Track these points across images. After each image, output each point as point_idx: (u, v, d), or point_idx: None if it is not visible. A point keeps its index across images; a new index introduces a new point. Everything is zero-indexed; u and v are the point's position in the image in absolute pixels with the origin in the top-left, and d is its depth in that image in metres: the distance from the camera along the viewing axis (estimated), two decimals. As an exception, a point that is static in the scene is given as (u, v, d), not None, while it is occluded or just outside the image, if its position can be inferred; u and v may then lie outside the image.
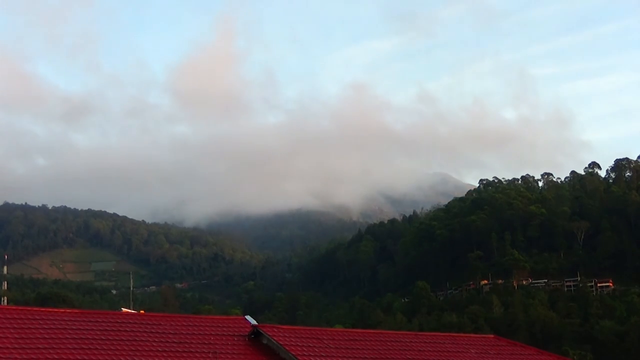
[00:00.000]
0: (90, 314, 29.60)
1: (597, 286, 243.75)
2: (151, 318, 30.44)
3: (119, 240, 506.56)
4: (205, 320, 31.49)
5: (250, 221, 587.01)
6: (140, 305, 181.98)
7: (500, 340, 37.06)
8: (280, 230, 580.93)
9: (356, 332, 35.21)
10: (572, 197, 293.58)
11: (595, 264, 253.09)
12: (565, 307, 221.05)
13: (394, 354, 31.34)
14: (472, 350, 33.80)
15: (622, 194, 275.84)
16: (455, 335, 41.73)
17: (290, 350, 28.52)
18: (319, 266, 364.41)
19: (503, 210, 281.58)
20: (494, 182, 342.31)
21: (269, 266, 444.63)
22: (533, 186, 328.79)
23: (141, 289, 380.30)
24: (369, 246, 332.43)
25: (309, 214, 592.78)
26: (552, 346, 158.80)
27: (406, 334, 40.15)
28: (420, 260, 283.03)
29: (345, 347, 30.46)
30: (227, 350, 28.31)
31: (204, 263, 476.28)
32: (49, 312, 28.39)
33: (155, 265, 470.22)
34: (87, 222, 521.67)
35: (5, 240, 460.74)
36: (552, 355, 38.80)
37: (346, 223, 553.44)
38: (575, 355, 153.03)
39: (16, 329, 25.84)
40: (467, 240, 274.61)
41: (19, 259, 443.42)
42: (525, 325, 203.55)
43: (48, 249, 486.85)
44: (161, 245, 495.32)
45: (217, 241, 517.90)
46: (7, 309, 29.09)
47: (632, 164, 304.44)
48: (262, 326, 30.38)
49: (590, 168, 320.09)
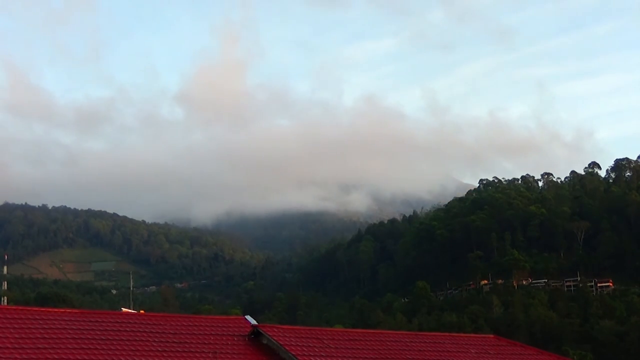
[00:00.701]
0: (90, 314, 29.61)
1: (597, 286, 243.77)
2: (151, 318, 30.44)
3: (119, 240, 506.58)
4: (205, 320, 31.49)
5: (250, 221, 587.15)
6: (140, 305, 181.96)
7: (500, 340, 37.07)
8: (280, 230, 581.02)
9: (356, 332, 35.20)
10: (572, 197, 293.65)
11: (595, 264, 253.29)
12: (565, 307, 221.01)
13: (394, 354, 31.35)
14: (472, 350, 33.81)
15: (622, 194, 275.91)
16: (455, 335, 41.74)
17: (290, 350, 28.53)
18: (319, 266, 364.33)
19: (503, 210, 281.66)
20: (494, 182, 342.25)
21: (269, 266, 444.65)
22: (533, 186, 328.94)
23: (141, 289, 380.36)
24: (369, 246, 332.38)
25: (309, 214, 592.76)
26: (552, 346, 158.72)
27: (406, 334, 40.17)
28: (420, 260, 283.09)
29: (345, 347, 30.47)
30: (227, 350, 28.32)
31: (204, 263, 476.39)
32: (49, 312, 28.38)
33: (155, 265, 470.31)
34: (87, 222, 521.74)
35: (5, 240, 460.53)
36: (552, 355, 38.81)
37: (346, 223, 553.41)
38: (575, 355, 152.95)
39: (16, 329, 25.84)
40: (467, 240, 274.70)
41: (19, 259, 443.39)
42: (525, 325, 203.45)
43: (48, 249, 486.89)
44: (161, 245, 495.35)
45: (217, 241, 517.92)
46: (7, 309, 29.10)
47: (632, 164, 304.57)
48: (262, 326, 30.38)
49: (590, 168, 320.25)
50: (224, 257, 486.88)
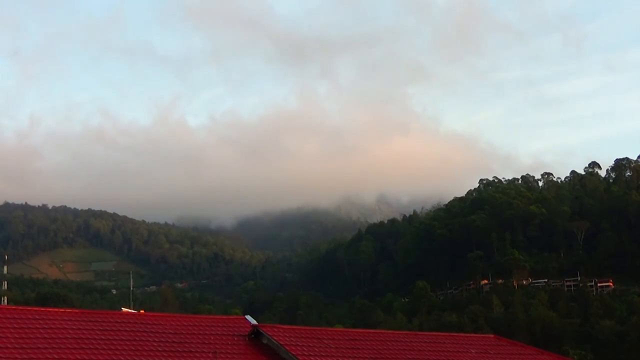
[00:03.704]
0: (90, 314, 29.63)
1: (597, 286, 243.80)
2: (151, 318, 30.46)
3: (119, 240, 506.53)
4: (205, 320, 31.52)
5: (250, 221, 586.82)
6: (140, 305, 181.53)
7: (500, 340, 37.10)
8: (280, 230, 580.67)
9: (356, 332, 35.23)
10: (572, 197, 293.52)
11: (595, 263, 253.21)
12: (565, 307, 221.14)
13: (394, 354, 31.37)
14: (472, 350, 33.83)
15: (622, 194, 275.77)
16: (455, 335, 41.79)
17: (290, 350, 28.54)
18: (319, 266, 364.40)
19: (503, 210, 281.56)
20: (494, 182, 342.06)
21: (269, 266, 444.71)
22: (533, 186, 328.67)
23: (141, 289, 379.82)
24: (369, 246, 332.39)
25: (309, 214, 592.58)
26: (552, 346, 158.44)
27: (406, 334, 40.20)
28: (420, 260, 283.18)
29: (345, 347, 30.48)
30: (227, 350, 28.33)
31: (204, 263, 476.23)
32: (49, 312, 28.38)
33: (155, 265, 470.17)
34: (87, 222, 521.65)
35: (5, 240, 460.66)
36: (552, 355, 38.84)
37: (346, 223, 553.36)
38: (575, 355, 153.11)
39: (16, 329, 25.84)
40: (467, 240, 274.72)
41: (19, 259, 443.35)
42: (525, 325, 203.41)
43: (48, 248, 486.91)
44: (161, 245, 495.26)
45: (217, 241, 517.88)
46: (7, 309, 29.10)
47: (632, 164, 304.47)
48: (262, 326, 30.39)
49: (590, 168, 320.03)
50: (224, 257, 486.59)
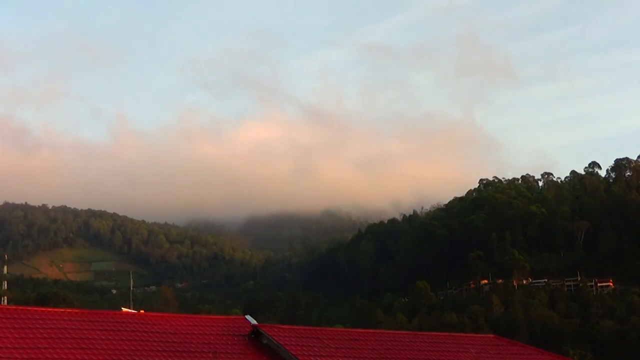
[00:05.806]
0: (90, 314, 29.60)
1: (597, 286, 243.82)
2: (151, 318, 30.45)
3: (119, 240, 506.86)
4: (205, 320, 31.53)
5: (250, 221, 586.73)
6: (140, 305, 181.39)
7: (500, 340, 37.10)
8: (280, 230, 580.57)
9: (356, 332, 35.21)
10: (572, 196, 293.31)
11: (595, 263, 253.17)
12: (565, 307, 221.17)
13: (394, 354, 31.37)
14: (472, 350, 33.83)
15: (622, 193, 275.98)
16: (455, 335, 41.73)
17: (290, 350, 28.54)
18: (319, 266, 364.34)
19: (503, 210, 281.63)
20: (494, 182, 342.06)
21: (269, 266, 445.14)
22: (533, 186, 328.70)
23: (141, 288, 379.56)
24: (369, 246, 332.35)
25: (309, 214, 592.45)
26: (552, 346, 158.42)
27: (406, 334, 40.20)
28: (420, 260, 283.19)
29: (345, 347, 30.48)
30: (227, 350, 28.32)
31: (204, 263, 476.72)
32: (49, 312, 28.37)
33: (155, 265, 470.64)
34: (87, 222, 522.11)
35: (5, 240, 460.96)
36: (552, 355, 38.83)
37: (346, 223, 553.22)
38: (575, 355, 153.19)
39: (16, 329, 25.82)
40: (467, 240, 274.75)
41: (19, 259, 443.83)
42: (525, 325, 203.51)
43: (48, 248, 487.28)
44: (161, 245, 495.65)
45: (217, 241, 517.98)
46: (7, 309, 29.07)
47: (632, 164, 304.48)
48: (262, 326, 30.39)
49: (590, 168, 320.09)
50: (224, 257, 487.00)
